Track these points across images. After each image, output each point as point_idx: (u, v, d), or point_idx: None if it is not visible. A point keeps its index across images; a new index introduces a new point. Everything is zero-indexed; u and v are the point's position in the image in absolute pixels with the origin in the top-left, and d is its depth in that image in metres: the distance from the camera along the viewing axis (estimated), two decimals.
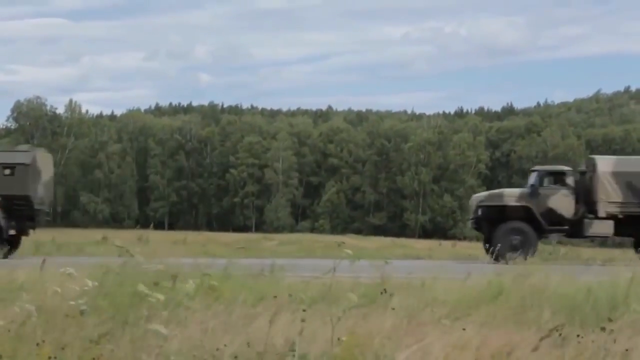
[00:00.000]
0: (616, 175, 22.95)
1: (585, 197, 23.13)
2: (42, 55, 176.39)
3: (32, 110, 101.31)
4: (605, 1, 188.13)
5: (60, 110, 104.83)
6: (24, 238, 25.44)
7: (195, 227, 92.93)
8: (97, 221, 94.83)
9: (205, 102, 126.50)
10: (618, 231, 22.97)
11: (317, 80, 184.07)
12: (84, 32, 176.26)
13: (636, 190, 22.78)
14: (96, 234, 55.99)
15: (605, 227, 22.84)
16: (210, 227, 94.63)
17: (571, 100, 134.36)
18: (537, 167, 25.43)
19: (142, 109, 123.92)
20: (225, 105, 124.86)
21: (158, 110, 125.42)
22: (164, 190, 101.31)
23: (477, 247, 43.66)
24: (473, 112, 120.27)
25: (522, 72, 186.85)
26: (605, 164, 23.55)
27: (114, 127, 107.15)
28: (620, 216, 22.84)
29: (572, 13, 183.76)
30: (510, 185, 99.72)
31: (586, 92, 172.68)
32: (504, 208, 23.25)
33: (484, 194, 25.09)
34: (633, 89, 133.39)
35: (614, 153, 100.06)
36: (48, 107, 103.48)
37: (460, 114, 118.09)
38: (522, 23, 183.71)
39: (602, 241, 59.68)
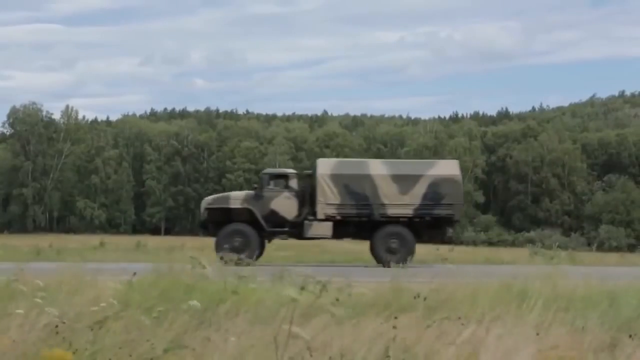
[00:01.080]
0: (334, 177, 23.20)
1: (310, 199, 23.39)
2: (37, 60, 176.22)
3: (28, 116, 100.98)
4: (599, 6, 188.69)
5: (57, 115, 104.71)
6: (22, 244, 25.61)
7: (192, 232, 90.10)
8: (94, 227, 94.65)
9: (201, 108, 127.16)
10: (337, 233, 23.26)
11: (311, 85, 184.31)
12: (78, 37, 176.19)
13: (353, 192, 23.07)
14: (93, 239, 55.90)
15: (324, 229, 23.04)
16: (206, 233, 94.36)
17: (566, 104, 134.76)
18: (264, 171, 25.87)
19: (137, 114, 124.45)
20: (220, 111, 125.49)
21: (153, 116, 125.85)
22: (161, 195, 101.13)
23: (476, 251, 43.78)
24: (468, 116, 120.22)
25: (517, 77, 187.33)
26: (324, 166, 23.85)
27: (110, 132, 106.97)
28: (339, 218, 23.09)
29: (566, 18, 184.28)
30: (507, 189, 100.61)
31: (581, 97, 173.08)
32: (229, 210, 23.53)
33: (212, 197, 25.23)
34: (628, 93, 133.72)
35: (609, 157, 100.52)
36: (44, 113, 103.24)
37: (455, 119, 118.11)
38: (517, 28, 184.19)
39: (599, 245, 60.04)
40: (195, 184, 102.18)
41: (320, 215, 22.98)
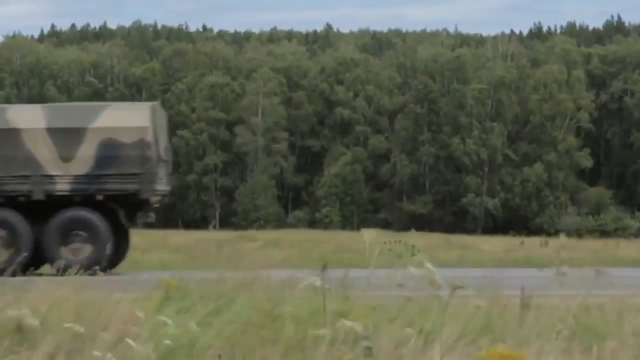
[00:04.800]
0: None
1: None
2: None
3: None
4: None
5: None
6: None
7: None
8: None
9: (129, 22, 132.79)
10: None
11: None
12: None
13: None
14: None
15: None
16: (145, 222, 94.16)
17: None
18: None
19: (30, 35, 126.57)
20: (160, 26, 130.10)
21: (56, 37, 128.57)
22: None
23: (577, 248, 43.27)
24: (559, 30, 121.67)
25: None
26: None
27: None
28: None
29: None
30: (626, 146, 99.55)
31: None
32: None
33: None
34: None
35: None
36: None
37: (538, 34, 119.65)
38: None
39: None
40: None
41: None
